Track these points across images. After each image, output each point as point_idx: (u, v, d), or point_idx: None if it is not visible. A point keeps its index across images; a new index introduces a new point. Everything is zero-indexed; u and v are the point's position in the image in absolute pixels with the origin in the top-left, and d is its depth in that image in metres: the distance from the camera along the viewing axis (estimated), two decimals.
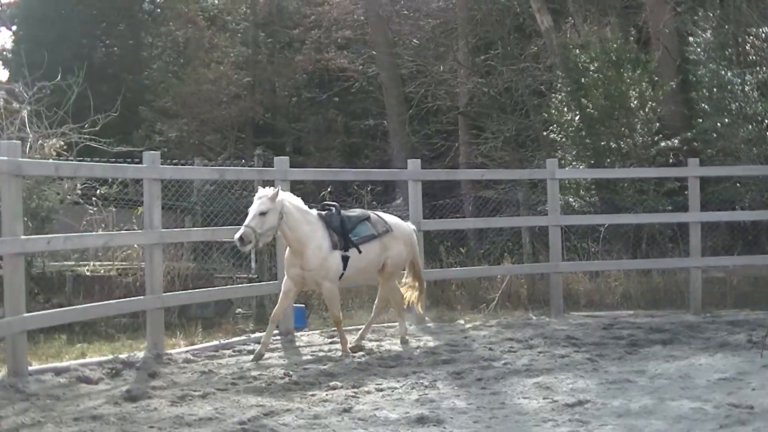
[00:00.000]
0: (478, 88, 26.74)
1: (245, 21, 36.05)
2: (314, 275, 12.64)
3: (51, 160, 15.06)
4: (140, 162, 13.61)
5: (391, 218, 14.00)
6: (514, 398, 9.90)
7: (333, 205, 13.29)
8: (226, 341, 13.90)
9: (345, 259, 12.87)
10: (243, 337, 14.28)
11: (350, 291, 18.52)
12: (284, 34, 34.03)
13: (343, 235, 12.91)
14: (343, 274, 12.90)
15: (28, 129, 16.71)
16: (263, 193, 12.31)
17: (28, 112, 17.08)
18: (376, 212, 13.99)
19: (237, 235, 11.93)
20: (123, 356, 12.13)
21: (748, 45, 21.51)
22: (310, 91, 34.35)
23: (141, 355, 12.41)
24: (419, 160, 16.58)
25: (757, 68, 21.18)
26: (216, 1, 39.22)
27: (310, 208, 13.05)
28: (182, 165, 18.78)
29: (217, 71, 33.13)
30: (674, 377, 10.84)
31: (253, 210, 12.16)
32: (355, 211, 13.83)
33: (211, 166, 21.04)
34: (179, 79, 33.73)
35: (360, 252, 13.01)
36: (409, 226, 14.32)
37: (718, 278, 18.22)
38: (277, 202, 12.23)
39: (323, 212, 13.05)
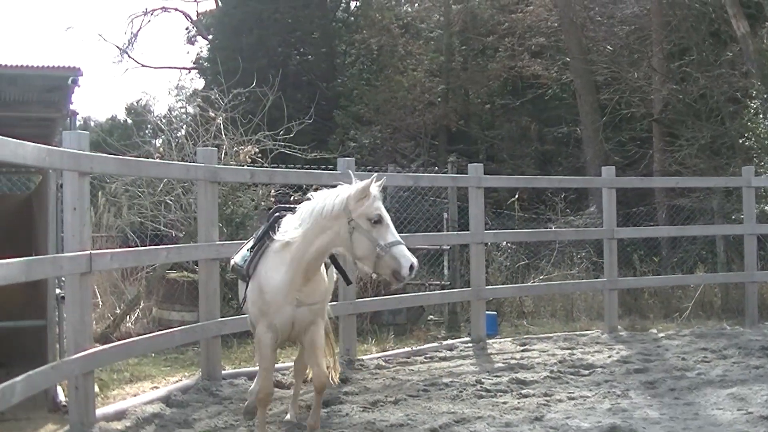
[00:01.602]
0: (673, 95, 26.42)
1: (439, 28, 36.22)
2: (317, 310, 8.55)
3: (246, 167, 15.42)
4: (335, 168, 13.95)
5: None
6: (708, 409, 9.82)
7: (290, 209, 8.82)
8: (418, 348, 14.07)
9: None
10: (435, 344, 14.45)
11: (541, 299, 18.64)
12: (478, 41, 33.98)
13: None
14: None
15: (223, 136, 17.13)
16: (376, 190, 8.06)
17: (224, 120, 17.54)
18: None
19: (415, 261, 7.82)
20: None
21: None
22: (504, 98, 34.23)
23: None
24: (613, 167, 16.45)
25: None
26: (410, 9, 39.51)
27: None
28: (376, 171, 19.09)
29: (412, 78, 33.44)
30: None
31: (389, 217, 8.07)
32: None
33: (405, 172, 21.33)
34: (372, 86, 34.16)
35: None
36: None
37: None
38: None
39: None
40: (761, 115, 21.78)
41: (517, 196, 20.88)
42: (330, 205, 8.05)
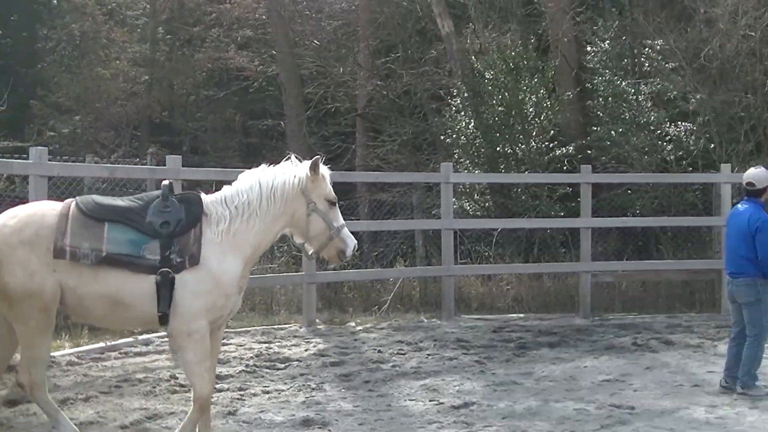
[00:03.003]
0: (378, 91, 26.73)
1: (144, 16, 35.50)
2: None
3: None
4: (28, 158, 13.28)
5: None
6: (401, 400, 10.01)
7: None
8: (113, 343, 13.53)
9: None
10: (130, 339, 13.90)
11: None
12: (184, 31, 33.51)
13: None
14: None
15: None
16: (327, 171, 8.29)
17: None
18: None
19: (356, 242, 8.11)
20: None
21: (644, 56, 21.88)
22: (209, 89, 33.92)
23: None
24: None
25: (651, 79, 21.65)
26: None
27: None
28: (73, 162, 18.36)
29: (114, 68, 32.59)
30: (560, 379, 11.15)
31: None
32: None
33: (103, 163, 20.63)
34: (74, 74, 33.06)
35: None
36: None
37: (608, 283, 18.50)
38: None
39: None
40: (462, 113, 22.26)
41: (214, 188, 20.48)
42: (289, 187, 7.84)
